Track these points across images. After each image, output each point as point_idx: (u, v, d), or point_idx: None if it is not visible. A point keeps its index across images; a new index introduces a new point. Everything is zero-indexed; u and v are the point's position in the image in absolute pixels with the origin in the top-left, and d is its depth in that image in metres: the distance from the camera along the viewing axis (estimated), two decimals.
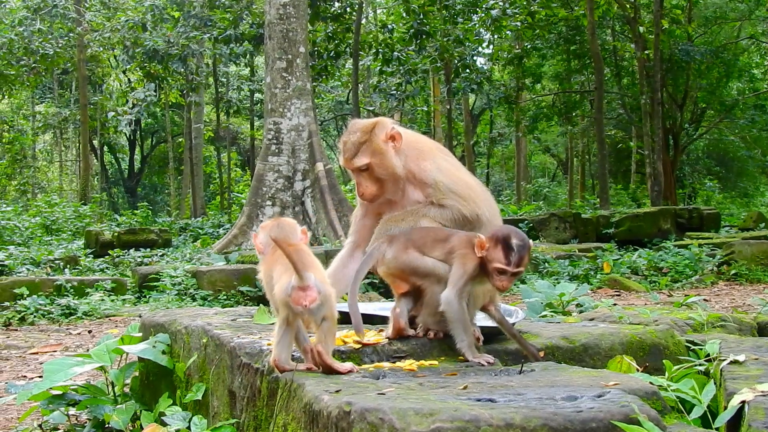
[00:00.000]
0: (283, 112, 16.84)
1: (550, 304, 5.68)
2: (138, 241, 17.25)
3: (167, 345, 3.86)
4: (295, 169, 16.75)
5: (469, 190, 3.39)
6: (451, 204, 3.35)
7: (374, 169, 3.37)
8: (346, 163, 3.44)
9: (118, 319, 9.51)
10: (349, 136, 3.46)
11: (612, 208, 21.81)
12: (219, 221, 23.96)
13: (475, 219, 3.36)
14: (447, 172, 3.41)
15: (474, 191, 3.41)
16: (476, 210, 3.36)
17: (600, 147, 23.57)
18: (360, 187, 3.41)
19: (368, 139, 3.40)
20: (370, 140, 3.40)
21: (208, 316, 3.96)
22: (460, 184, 3.39)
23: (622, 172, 38.16)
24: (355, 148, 3.40)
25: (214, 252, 15.11)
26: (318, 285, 2.70)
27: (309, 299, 2.68)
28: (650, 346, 3.48)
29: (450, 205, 3.35)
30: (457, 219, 3.34)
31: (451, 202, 3.34)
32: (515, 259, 2.88)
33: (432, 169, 3.40)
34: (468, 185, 3.42)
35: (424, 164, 3.42)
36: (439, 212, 3.34)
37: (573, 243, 16.03)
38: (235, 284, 10.81)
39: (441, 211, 3.35)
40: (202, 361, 3.49)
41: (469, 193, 3.37)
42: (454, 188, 3.36)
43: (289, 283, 2.69)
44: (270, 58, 17.19)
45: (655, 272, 12.70)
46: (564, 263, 12.85)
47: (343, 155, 3.46)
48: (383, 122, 3.47)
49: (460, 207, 3.35)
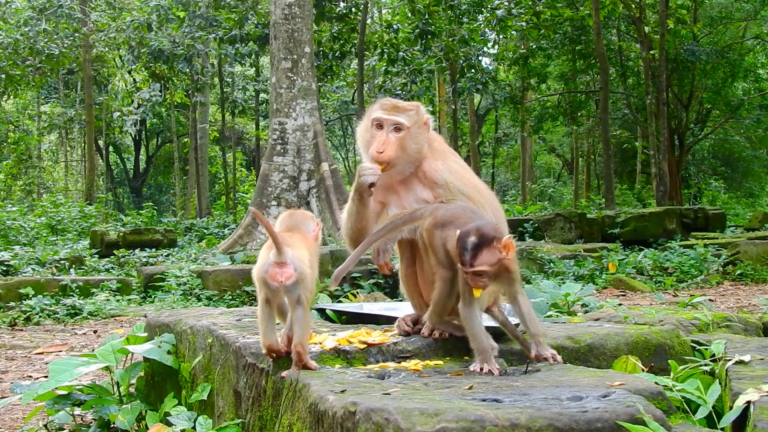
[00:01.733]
0: (288, 112, 16.85)
1: (555, 304, 5.68)
2: (143, 241, 17.27)
3: (172, 345, 3.87)
4: (301, 169, 16.76)
5: (478, 193, 3.40)
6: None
7: (407, 136, 3.36)
8: (385, 113, 3.39)
9: (124, 319, 9.52)
10: (392, 100, 3.47)
11: (617, 208, 21.78)
12: (224, 221, 23.99)
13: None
14: (457, 174, 3.42)
15: (482, 194, 3.42)
16: (484, 213, 3.37)
17: (605, 147, 23.53)
18: (382, 144, 3.34)
19: (414, 110, 3.43)
20: (416, 112, 3.43)
21: (214, 316, 3.97)
22: (469, 187, 3.40)
23: (627, 172, 38.11)
24: (398, 108, 3.40)
25: (220, 252, 15.13)
26: (295, 262, 2.73)
27: (285, 275, 2.71)
28: (655, 346, 3.47)
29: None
30: None
31: (460, 202, 3.35)
32: (468, 258, 2.83)
33: (443, 169, 3.41)
34: (476, 188, 3.43)
35: (435, 164, 3.43)
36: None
37: (578, 243, 16.01)
38: (241, 284, 10.82)
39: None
40: (208, 361, 3.50)
41: (477, 196, 3.38)
42: (464, 190, 3.36)
43: (267, 259, 2.72)
44: (275, 58, 17.20)
45: (661, 272, 12.68)
46: (569, 263, 12.84)
47: (384, 106, 3.42)
48: (423, 108, 3.51)
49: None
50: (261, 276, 2.76)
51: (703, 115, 33.64)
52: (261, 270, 2.76)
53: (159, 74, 27.03)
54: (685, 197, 32.16)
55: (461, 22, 25.46)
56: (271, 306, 2.84)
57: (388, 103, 3.44)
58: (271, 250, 2.75)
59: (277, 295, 2.81)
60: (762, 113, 32.79)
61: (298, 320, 2.76)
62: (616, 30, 31.90)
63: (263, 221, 2.78)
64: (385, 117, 3.39)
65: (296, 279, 2.74)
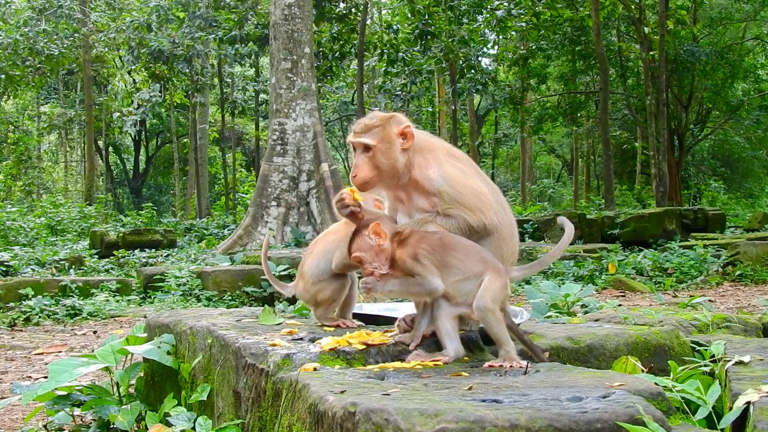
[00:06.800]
0: (288, 112, 16.86)
1: (555, 304, 5.67)
2: (143, 241, 17.29)
3: (172, 345, 3.87)
4: (300, 170, 16.77)
5: (476, 198, 3.34)
6: (456, 214, 3.31)
7: (376, 154, 3.34)
8: (353, 136, 3.41)
9: (123, 320, 9.52)
10: (364, 119, 3.47)
11: (617, 209, 21.79)
12: (224, 222, 24.01)
13: (481, 228, 3.32)
14: (452, 181, 3.35)
15: (481, 199, 3.35)
16: (483, 219, 3.32)
17: (605, 147, 23.55)
18: (356, 168, 3.37)
19: (381, 125, 3.40)
20: (383, 127, 3.40)
21: (213, 316, 3.97)
22: (466, 193, 3.33)
23: (627, 173, 38.14)
24: (366, 128, 3.40)
25: (219, 252, 15.13)
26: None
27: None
28: (655, 347, 3.48)
29: (456, 215, 3.31)
30: (463, 228, 3.30)
31: (456, 212, 3.30)
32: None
33: (436, 177, 3.35)
34: (476, 192, 3.35)
35: (428, 172, 3.37)
36: (445, 221, 3.31)
37: (578, 244, 16.01)
38: (240, 285, 10.82)
39: (447, 220, 3.31)
40: (207, 361, 3.50)
41: (476, 202, 3.32)
42: (460, 198, 3.31)
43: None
44: (275, 58, 17.21)
45: (660, 273, 12.68)
46: (569, 264, 12.84)
47: (352, 130, 3.45)
48: (400, 118, 3.48)
49: (466, 217, 3.30)
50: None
51: (703, 116, 33.67)
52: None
53: (159, 75, 27.07)
54: (685, 198, 32.19)
55: (461, 22, 25.48)
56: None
57: (358, 125, 3.44)
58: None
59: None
60: (762, 114, 32.83)
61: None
62: (616, 31, 31.94)
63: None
64: (353, 140, 3.40)
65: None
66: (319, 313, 3.78)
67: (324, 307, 3.78)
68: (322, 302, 3.78)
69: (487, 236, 3.32)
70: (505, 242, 3.39)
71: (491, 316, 2.93)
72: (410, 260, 3.05)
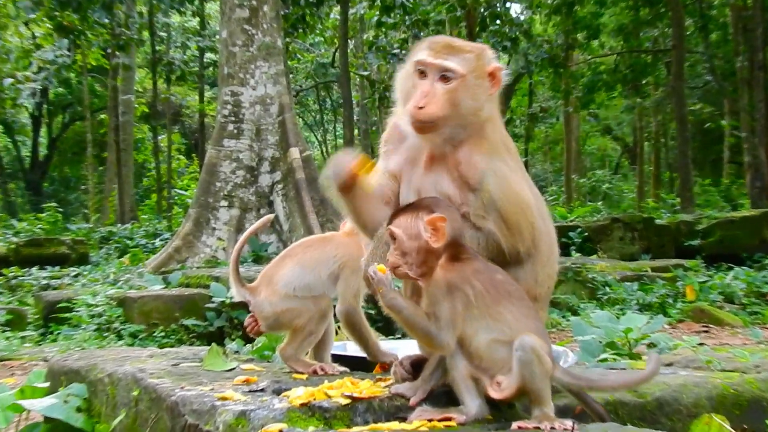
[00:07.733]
0: (244, 78, 16.86)
1: (612, 343, 5.68)
2: (43, 255, 17.25)
3: (84, 399, 3.86)
4: (261, 157, 16.75)
5: (519, 211, 3.32)
6: (488, 229, 3.25)
7: (460, 88, 3.32)
8: (433, 55, 3.36)
9: (15, 364, 9.49)
10: (443, 37, 3.45)
11: (697, 211, 21.82)
12: (155, 229, 23.97)
13: (513, 256, 3.28)
14: (500, 180, 3.33)
15: (525, 214, 3.33)
16: (518, 246, 3.26)
17: (680, 127, 23.59)
18: (425, 97, 3.30)
19: (474, 54, 3.39)
20: (476, 56, 3.39)
21: (141, 359, 3.96)
22: (510, 202, 3.31)
23: (710, 162, 38.23)
24: (453, 50, 3.36)
25: (148, 271, 15.10)
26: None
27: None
28: (749, 402, 3.48)
29: (487, 231, 3.25)
30: (491, 250, 3.26)
31: (489, 225, 3.25)
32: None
33: (483, 167, 3.33)
34: (520, 203, 3.34)
35: (476, 157, 3.34)
36: (469, 234, 3.25)
37: (644, 259, 16.03)
38: (177, 316, 10.79)
39: (472, 233, 3.25)
40: (132, 421, 3.49)
41: (517, 218, 3.30)
42: (500, 205, 3.28)
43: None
44: (227, 4, 17.21)
45: (757, 300, 12.71)
46: (631, 287, 12.84)
47: (432, 46, 3.40)
48: (491, 52, 3.47)
49: (500, 237, 3.23)
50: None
51: None
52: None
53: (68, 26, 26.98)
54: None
55: None
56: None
57: (438, 42, 3.41)
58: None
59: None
60: None
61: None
62: None
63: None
64: (430, 61, 3.34)
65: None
66: (288, 353, 3.75)
67: (295, 342, 3.75)
68: (293, 330, 3.74)
69: (516, 263, 3.31)
70: (542, 266, 3.38)
71: (536, 365, 2.92)
72: (442, 291, 3.02)
